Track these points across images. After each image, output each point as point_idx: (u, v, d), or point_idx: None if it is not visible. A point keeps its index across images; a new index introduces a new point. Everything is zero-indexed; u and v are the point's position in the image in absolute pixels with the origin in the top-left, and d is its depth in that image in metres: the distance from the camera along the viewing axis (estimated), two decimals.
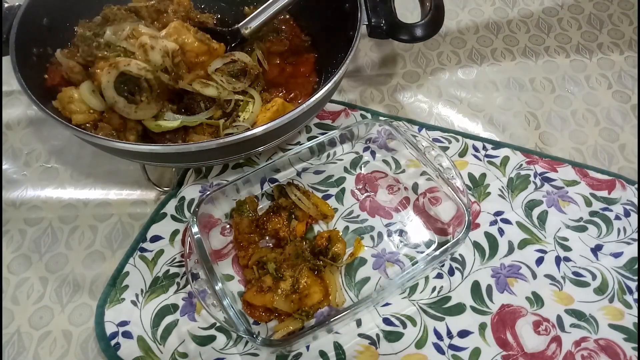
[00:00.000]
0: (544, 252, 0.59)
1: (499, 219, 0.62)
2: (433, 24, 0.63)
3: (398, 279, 0.55)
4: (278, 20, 0.75)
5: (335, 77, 0.56)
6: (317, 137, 0.65)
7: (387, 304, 0.56)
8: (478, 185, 0.65)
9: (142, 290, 0.58)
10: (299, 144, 0.70)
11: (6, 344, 0.56)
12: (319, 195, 0.65)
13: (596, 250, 0.60)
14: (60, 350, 0.56)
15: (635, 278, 0.57)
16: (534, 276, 0.58)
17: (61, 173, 0.70)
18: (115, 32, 0.60)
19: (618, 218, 0.62)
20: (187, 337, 0.54)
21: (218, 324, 0.55)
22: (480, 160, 0.68)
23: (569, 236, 0.61)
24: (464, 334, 0.54)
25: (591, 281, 0.57)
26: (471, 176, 0.66)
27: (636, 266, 0.58)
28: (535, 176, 0.66)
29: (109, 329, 0.55)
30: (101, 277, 0.60)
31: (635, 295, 0.56)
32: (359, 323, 0.55)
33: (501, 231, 0.61)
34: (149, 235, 0.62)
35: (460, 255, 0.59)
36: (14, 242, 0.64)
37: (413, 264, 0.59)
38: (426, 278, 0.58)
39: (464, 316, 0.55)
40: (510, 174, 0.66)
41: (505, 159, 0.68)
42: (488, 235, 0.61)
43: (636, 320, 0.55)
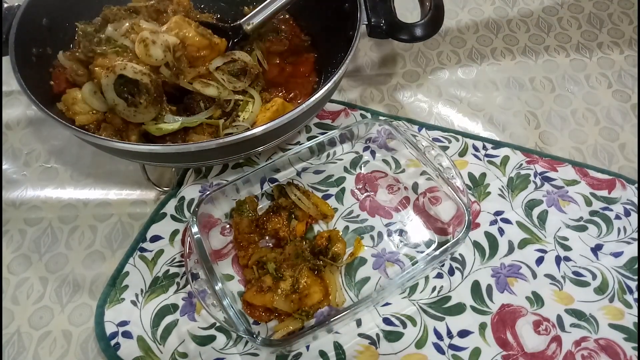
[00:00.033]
0: (544, 252, 0.59)
1: (499, 218, 0.62)
2: (433, 23, 0.63)
3: (398, 279, 0.55)
4: (278, 20, 0.75)
5: (335, 77, 0.56)
6: (317, 137, 0.65)
7: (387, 303, 0.56)
8: (478, 184, 0.65)
9: (142, 290, 0.58)
10: (298, 143, 0.70)
11: (6, 344, 0.56)
12: (319, 195, 0.64)
13: (596, 249, 0.60)
14: (60, 350, 0.56)
15: (636, 278, 0.57)
16: (534, 276, 0.58)
17: (61, 173, 0.70)
18: (116, 28, 0.60)
19: (618, 217, 0.62)
20: (187, 337, 0.54)
21: (218, 324, 0.55)
22: (480, 159, 0.68)
23: (569, 236, 0.61)
24: (464, 333, 0.54)
25: (591, 281, 0.57)
26: (471, 176, 0.66)
27: (636, 266, 0.58)
28: (535, 176, 0.66)
29: (109, 329, 0.55)
30: (101, 277, 0.61)
31: (636, 295, 0.56)
32: (359, 323, 0.55)
33: (501, 231, 0.61)
34: (149, 235, 0.62)
35: (460, 255, 0.59)
36: (14, 242, 0.64)
37: (413, 264, 0.58)
38: (426, 278, 0.58)
39: (464, 316, 0.55)
40: (510, 173, 0.66)
41: (505, 159, 0.68)
42: (488, 235, 0.61)
43: (636, 320, 0.55)
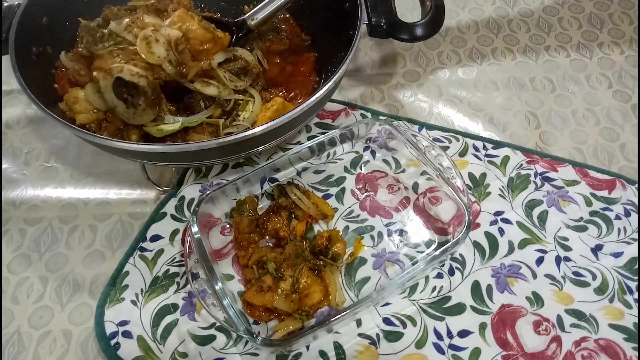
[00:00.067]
0: (544, 252, 0.59)
1: (499, 218, 0.62)
2: (433, 23, 0.63)
3: (398, 279, 0.55)
4: (278, 19, 0.75)
5: (336, 77, 0.56)
6: (317, 137, 0.65)
7: (387, 303, 0.56)
8: (478, 184, 0.65)
9: (142, 290, 0.58)
10: (299, 143, 0.70)
11: (6, 343, 0.56)
12: (319, 194, 0.64)
13: (596, 250, 0.60)
14: (60, 349, 0.56)
15: (636, 278, 0.57)
16: (534, 276, 0.58)
17: (61, 172, 0.70)
18: (119, 23, 0.60)
19: (618, 218, 0.62)
20: (187, 337, 0.54)
21: (218, 324, 0.55)
22: (481, 159, 0.68)
23: (569, 236, 0.61)
24: (464, 333, 0.54)
25: (591, 281, 0.57)
26: (471, 176, 0.66)
27: (636, 266, 0.58)
28: (535, 176, 0.66)
29: (109, 328, 0.55)
30: (101, 277, 0.60)
31: (636, 295, 0.56)
32: (359, 323, 0.55)
33: (501, 231, 0.61)
34: (149, 234, 0.62)
35: (460, 255, 0.59)
36: (14, 242, 0.64)
37: (413, 264, 0.58)
38: (426, 278, 0.58)
39: (464, 316, 0.55)
40: (510, 173, 0.66)
41: (506, 159, 0.68)
42: (488, 235, 0.61)
43: (636, 320, 0.55)
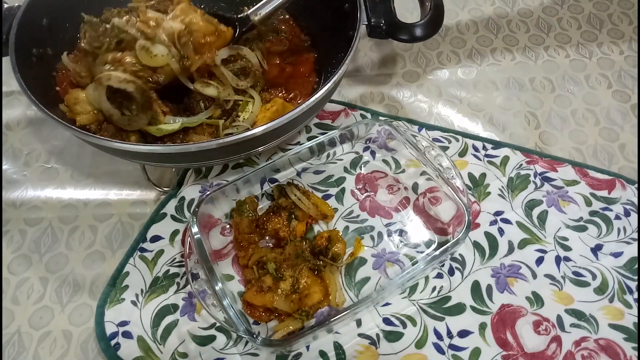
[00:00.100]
0: (544, 252, 0.59)
1: (499, 218, 0.62)
2: (433, 23, 0.63)
3: (398, 279, 0.55)
4: (278, 20, 0.75)
5: (335, 77, 0.56)
6: (317, 137, 0.65)
7: (387, 303, 0.56)
8: (478, 185, 0.65)
9: (142, 290, 0.58)
10: (299, 144, 0.70)
11: (6, 344, 0.56)
12: (319, 195, 0.64)
13: (596, 250, 0.60)
14: (60, 350, 0.56)
15: (635, 278, 0.57)
16: (534, 276, 0.58)
17: (61, 173, 0.70)
18: (121, 17, 0.60)
19: (618, 218, 0.62)
20: (187, 337, 0.54)
21: (218, 324, 0.55)
22: (480, 160, 0.68)
23: (569, 236, 0.61)
24: (464, 333, 0.54)
25: (591, 281, 0.57)
26: (471, 176, 0.66)
27: (636, 266, 0.58)
28: (535, 176, 0.66)
29: (109, 329, 0.55)
30: (101, 277, 0.60)
31: (636, 295, 0.56)
32: (359, 323, 0.55)
33: (501, 231, 0.61)
34: (149, 235, 0.62)
35: (460, 255, 0.59)
36: (14, 242, 0.64)
37: (413, 264, 0.59)
38: (426, 278, 0.58)
39: (464, 316, 0.55)
40: (510, 173, 0.66)
41: (505, 159, 0.68)
42: (488, 235, 0.61)
43: (636, 320, 0.55)
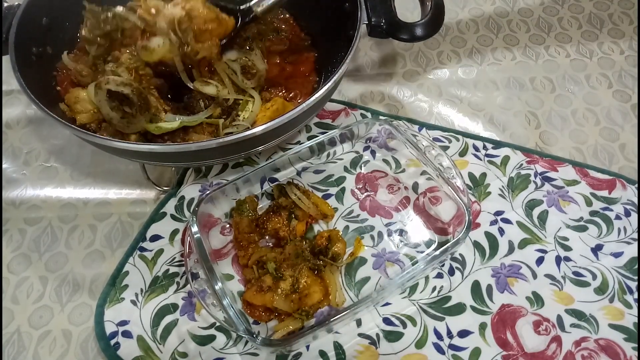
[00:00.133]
0: (544, 252, 0.59)
1: (499, 218, 0.62)
2: (433, 23, 0.63)
3: (398, 279, 0.55)
4: (278, 19, 0.75)
5: (335, 77, 0.56)
6: (317, 137, 0.65)
7: (387, 303, 0.56)
8: (478, 184, 0.65)
9: (142, 290, 0.58)
10: (299, 143, 0.70)
11: (6, 343, 0.56)
12: (319, 194, 0.64)
13: (596, 250, 0.60)
14: (60, 349, 0.56)
15: (636, 278, 0.57)
16: (534, 276, 0.58)
17: (61, 172, 0.70)
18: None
19: (618, 218, 0.62)
20: (187, 337, 0.54)
21: (218, 324, 0.55)
22: (481, 159, 0.68)
23: (569, 236, 0.61)
24: (464, 333, 0.54)
25: (591, 281, 0.57)
26: (471, 176, 0.66)
27: (636, 266, 0.58)
28: (535, 176, 0.66)
29: (109, 328, 0.55)
30: (101, 277, 0.60)
31: (636, 295, 0.56)
32: (359, 323, 0.55)
33: (501, 231, 0.61)
34: (149, 234, 0.62)
35: (460, 255, 0.59)
36: (14, 242, 0.64)
37: (413, 264, 0.58)
38: (426, 278, 0.58)
39: (464, 316, 0.55)
40: (510, 173, 0.66)
41: (506, 159, 0.68)
42: (488, 235, 0.61)
43: (636, 320, 0.55)
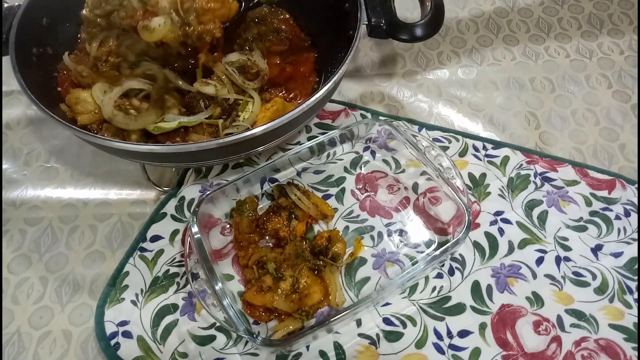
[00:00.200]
0: (544, 252, 0.59)
1: (499, 218, 0.62)
2: (433, 23, 0.63)
3: (398, 279, 0.55)
4: (278, 20, 0.75)
5: (335, 77, 0.56)
6: (317, 137, 0.65)
7: (387, 303, 0.56)
8: (478, 185, 0.65)
9: (142, 290, 0.58)
10: (299, 143, 0.70)
11: (6, 343, 0.56)
12: (319, 195, 0.64)
13: (596, 250, 0.60)
14: (60, 350, 0.56)
15: (636, 278, 0.57)
16: (534, 276, 0.58)
17: (61, 173, 0.70)
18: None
19: (618, 218, 0.62)
20: (187, 337, 0.54)
21: (218, 324, 0.55)
22: (481, 160, 0.68)
23: (569, 236, 0.61)
24: (464, 333, 0.54)
25: (591, 281, 0.57)
26: (471, 176, 0.66)
27: (636, 266, 0.58)
28: (535, 176, 0.66)
29: (109, 328, 0.55)
30: (101, 277, 0.60)
31: (636, 295, 0.56)
32: (359, 323, 0.55)
33: (501, 231, 0.61)
34: (149, 235, 0.62)
35: (460, 255, 0.59)
36: (14, 242, 0.64)
37: (413, 264, 0.58)
38: (426, 278, 0.58)
39: (464, 316, 0.55)
40: (510, 173, 0.66)
41: (506, 159, 0.68)
42: (488, 235, 0.61)
43: (636, 320, 0.55)
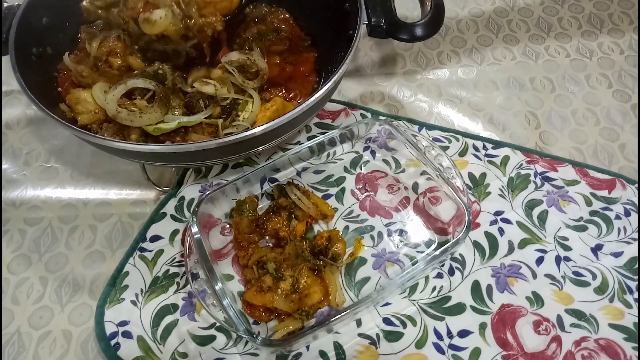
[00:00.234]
0: (544, 252, 0.59)
1: (499, 218, 0.62)
2: (433, 23, 0.63)
3: (398, 279, 0.55)
4: (278, 20, 0.75)
5: (335, 77, 0.56)
6: (317, 137, 0.65)
7: (387, 303, 0.56)
8: (478, 184, 0.65)
9: (142, 290, 0.58)
10: (298, 143, 0.70)
11: (6, 343, 0.56)
12: (319, 194, 0.64)
13: (596, 249, 0.60)
14: (60, 350, 0.56)
15: (636, 278, 0.57)
16: (534, 276, 0.58)
17: (61, 173, 0.70)
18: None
19: (618, 217, 0.62)
20: (187, 337, 0.54)
21: (218, 324, 0.55)
22: (481, 159, 0.68)
23: (569, 236, 0.61)
24: (464, 333, 0.54)
25: (591, 281, 0.57)
26: (471, 176, 0.66)
27: (636, 266, 0.58)
28: (535, 176, 0.66)
29: (109, 328, 0.55)
30: (101, 277, 0.60)
31: (636, 295, 0.56)
32: (359, 323, 0.55)
33: (501, 231, 0.61)
34: (149, 235, 0.62)
35: (460, 255, 0.59)
36: (14, 242, 0.64)
37: (413, 264, 0.58)
38: (426, 278, 0.58)
39: (464, 316, 0.55)
40: (510, 173, 0.66)
41: (506, 159, 0.68)
42: (488, 234, 0.61)
43: (636, 320, 0.55)
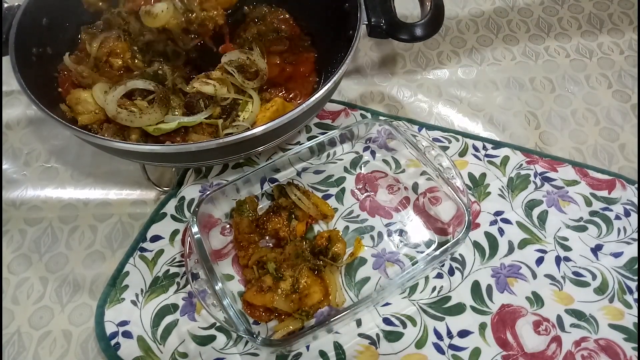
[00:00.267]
0: (544, 252, 0.59)
1: (499, 218, 0.62)
2: (433, 23, 0.63)
3: (398, 279, 0.55)
4: (278, 20, 0.75)
5: (335, 77, 0.56)
6: (317, 137, 0.65)
7: (387, 303, 0.56)
8: (478, 185, 0.65)
9: (142, 290, 0.58)
10: (299, 143, 0.70)
11: (6, 343, 0.56)
12: (319, 195, 0.64)
13: (596, 250, 0.60)
14: (60, 350, 0.56)
15: (635, 278, 0.57)
16: (534, 276, 0.58)
17: (61, 173, 0.70)
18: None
19: (618, 218, 0.62)
20: (187, 337, 0.54)
21: (218, 324, 0.55)
22: (480, 160, 0.68)
23: (569, 236, 0.61)
24: (464, 333, 0.54)
25: (591, 281, 0.57)
26: (471, 176, 0.66)
27: (636, 266, 0.58)
28: (535, 176, 0.66)
29: (109, 328, 0.55)
30: (101, 277, 0.61)
31: (636, 295, 0.56)
32: (359, 323, 0.55)
33: (501, 231, 0.61)
34: (149, 235, 0.62)
35: (460, 255, 0.59)
36: (14, 242, 0.64)
37: (413, 264, 0.58)
38: (426, 278, 0.58)
39: (464, 316, 0.55)
40: (510, 173, 0.66)
41: (505, 159, 0.68)
42: (488, 235, 0.61)
43: (636, 320, 0.55)
